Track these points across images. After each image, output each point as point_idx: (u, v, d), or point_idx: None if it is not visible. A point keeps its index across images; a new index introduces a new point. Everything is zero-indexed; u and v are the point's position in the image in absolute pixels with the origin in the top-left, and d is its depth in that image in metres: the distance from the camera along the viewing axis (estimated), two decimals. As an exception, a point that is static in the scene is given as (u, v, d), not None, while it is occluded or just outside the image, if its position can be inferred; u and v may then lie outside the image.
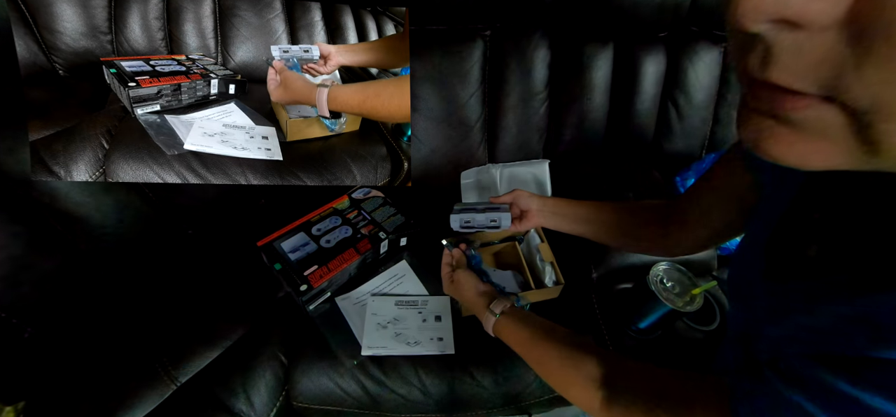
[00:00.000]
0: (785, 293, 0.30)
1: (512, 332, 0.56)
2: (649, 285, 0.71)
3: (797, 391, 0.25)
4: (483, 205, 0.72)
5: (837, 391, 0.23)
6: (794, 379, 0.26)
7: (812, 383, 0.25)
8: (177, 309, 0.82)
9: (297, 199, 0.95)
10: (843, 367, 0.23)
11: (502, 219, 0.68)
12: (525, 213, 0.69)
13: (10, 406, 0.65)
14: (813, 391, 0.25)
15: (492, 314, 0.58)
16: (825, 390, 0.24)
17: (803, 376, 0.26)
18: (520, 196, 0.69)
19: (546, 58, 1.06)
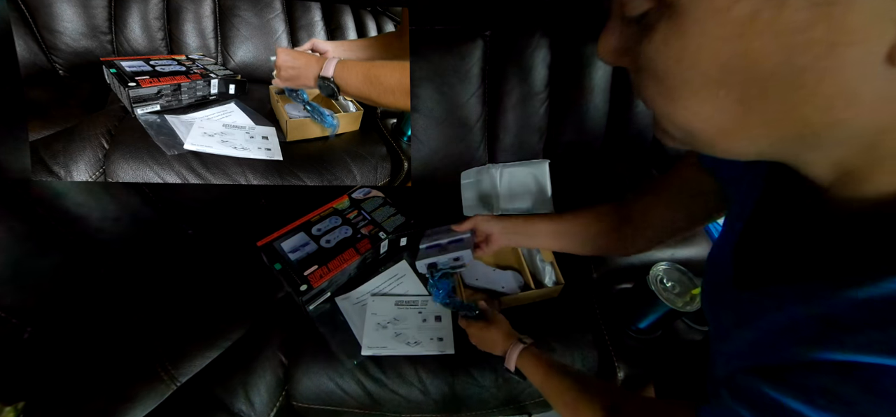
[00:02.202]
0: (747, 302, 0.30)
1: (534, 365, 0.59)
2: (649, 285, 0.71)
3: (741, 403, 0.26)
4: (447, 240, 0.74)
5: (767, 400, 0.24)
6: (739, 393, 0.26)
7: (749, 394, 0.25)
8: (177, 309, 0.82)
9: (297, 199, 0.95)
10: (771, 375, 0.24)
11: (464, 256, 0.71)
12: (488, 237, 0.71)
13: (10, 406, 0.65)
14: (750, 402, 0.25)
15: (521, 343, 0.62)
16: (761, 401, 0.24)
17: (745, 389, 0.26)
18: (479, 221, 0.71)
19: (546, 58, 1.06)
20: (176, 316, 0.81)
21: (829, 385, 0.21)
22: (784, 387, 0.23)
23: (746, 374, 0.26)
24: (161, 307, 0.82)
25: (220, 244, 0.94)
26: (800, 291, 0.24)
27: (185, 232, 0.94)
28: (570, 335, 0.80)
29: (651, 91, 0.21)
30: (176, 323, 0.80)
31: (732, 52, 0.18)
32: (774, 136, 0.20)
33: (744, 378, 0.26)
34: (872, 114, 0.18)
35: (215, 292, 0.86)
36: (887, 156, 0.20)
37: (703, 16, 0.17)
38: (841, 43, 0.16)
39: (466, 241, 0.72)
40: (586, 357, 0.79)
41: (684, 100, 0.20)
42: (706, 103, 0.20)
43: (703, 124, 0.21)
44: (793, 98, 0.18)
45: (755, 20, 0.16)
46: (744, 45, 0.17)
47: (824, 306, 0.22)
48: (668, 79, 0.20)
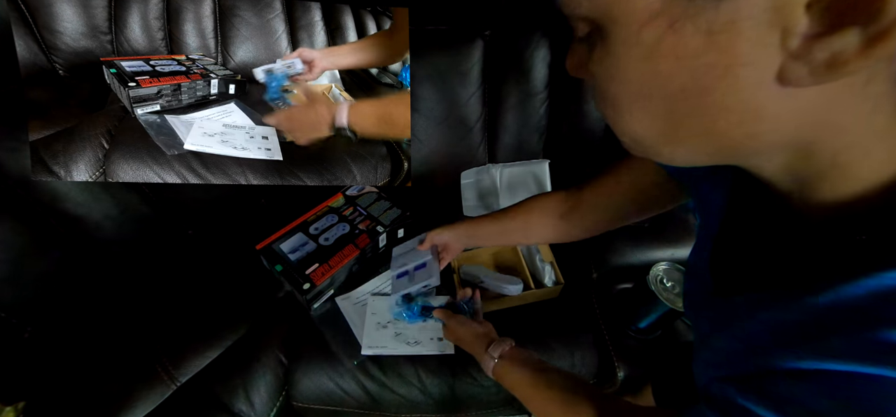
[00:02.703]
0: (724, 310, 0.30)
1: (511, 376, 0.56)
2: (649, 285, 0.71)
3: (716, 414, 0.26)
4: (413, 265, 0.78)
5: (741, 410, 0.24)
6: (712, 402, 0.27)
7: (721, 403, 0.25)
8: (177, 310, 0.82)
9: (298, 199, 0.95)
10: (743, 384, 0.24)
11: (432, 280, 0.74)
12: (444, 247, 0.75)
13: (10, 406, 0.65)
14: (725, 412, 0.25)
15: (491, 358, 0.58)
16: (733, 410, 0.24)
17: (717, 398, 0.26)
18: (432, 236, 0.74)
19: (546, 58, 1.06)
20: (176, 317, 0.81)
21: (797, 394, 0.21)
22: (754, 396, 0.23)
23: (720, 382, 0.26)
24: (161, 307, 0.82)
25: (220, 244, 0.94)
26: (770, 298, 0.25)
27: (185, 232, 0.94)
28: (570, 335, 0.80)
29: (599, 102, 0.24)
30: (176, 323, 0.80)
31: (646, 72, 0.20)
32: (707, 147, 0.21)
33: (717, 387, 0.26)
34: (786, 127, 0.19)
35: (215, 292, 0.86)
36: (827, 167, 0.21)
37: (622, 39, 0.20)
38: (734, 64, 0.17)
39: (430, 265, 0.76)
40: (586, 357, 0.79)
41: (622, 111, 0.22)
42: (640, 115, 0.22)
43: (643, 132, 0.22)
44: (708, 113, 0.19)
45: (660, 45, 0.18)
46: (654, 66, 0.19)
47: (791, 313, 0.23)
48: (607, 93, 0.23)
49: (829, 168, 0.21)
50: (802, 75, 0.17)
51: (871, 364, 0.18)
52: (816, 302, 0.21)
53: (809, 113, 0.18)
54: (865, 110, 0.18)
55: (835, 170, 0.21)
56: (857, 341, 0.19)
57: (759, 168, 0.23)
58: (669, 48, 0.18)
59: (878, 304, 0.18)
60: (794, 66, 0.17)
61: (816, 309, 0.21)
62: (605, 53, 0.21)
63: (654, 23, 0.18)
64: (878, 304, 0.18)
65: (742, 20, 0.16)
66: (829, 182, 0.21)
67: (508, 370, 0.56)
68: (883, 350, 0.18)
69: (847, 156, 0.20)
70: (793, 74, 0.17)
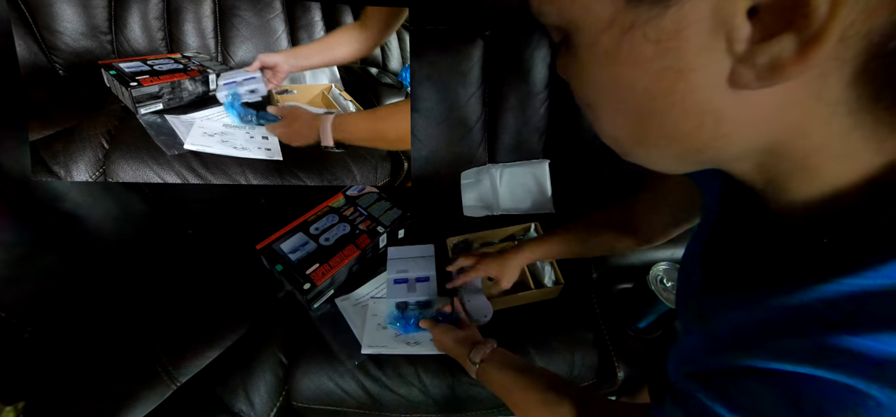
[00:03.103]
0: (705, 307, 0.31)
1: (493, 379, 0.57)
2: (649, 285, 0.71)
3: (679, 409, 0.26)
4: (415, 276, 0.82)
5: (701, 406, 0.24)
6: (676, 397, 0.27)
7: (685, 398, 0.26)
8: (177, 310, 0.82)
9: (298, 199, 0.95)
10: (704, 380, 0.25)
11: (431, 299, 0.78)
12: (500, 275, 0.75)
13: (10, 406, 0.65)
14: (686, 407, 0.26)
15: (472, 364, 0.60)
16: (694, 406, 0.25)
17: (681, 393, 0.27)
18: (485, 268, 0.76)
19: (546, 58, 1.06)
20: (176, 317, 0.81)
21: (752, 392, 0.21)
22: (713, 392, 0.23)
23: (685, 378, 0.27)
24: (161, 307, 0.82)
25: (220, 244, 0.94)
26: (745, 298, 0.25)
27: (185, 232, 0.94)
28: (570, 335, 0.80)
29: (579, 103, 0.25)
30: (176, 323, 0.80)
31: (609, 76, 0.21)
32: (677, 149, 0.22)
33: (683, 382, 0.27)
34: (748, 130, 0.20)
35: (215, 292, 0.86)
36: (795, 169, 0.21)
37: (586, 45, 0.21)
38: (686, 69, 0.18)
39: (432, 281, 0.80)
40: (586, 357, 0.79)
41: (596, 113, 0.23)
42: (611, 117, 0.23)
43: (616, 133, 0.24)
44: (671, 116, 0.20)
45: (618, 51, 0.19)
46: (615, 71, 0.20)
47: (753, 314, 0.23)
48: (580, 96, 0.24)
49: (797, 170, 0.21)
50: (750, 79, 0.17)
51: (818, 366, 0.18)
52: (775, 304, 0.21)
53: (768, 115, 0.19)
54: (824, 114, 0.18)
55: (803, 173, 0.21)
56: (807, 344, 0.19)
57: (733, 170, 0.24)
58: (627, 54, 0.19)
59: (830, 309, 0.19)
60: (742, 70, 0.17)
61: (775, 311, 0.21)
62: (573, 58, 0.22)
63: (610, 30, 0.19)
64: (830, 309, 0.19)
65: (688, 27, 0.17)
66: (797, 184, 0.22)
67: (491, 372, 0.57)
68: (830, 354, 0.18)
69: (814, 160, 0.20)
70: (741, 78, 0.17)
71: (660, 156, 0.23)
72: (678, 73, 0.18)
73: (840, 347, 0.18)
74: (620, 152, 0.25)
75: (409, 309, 0.79)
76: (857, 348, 0.17)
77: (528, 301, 0.83)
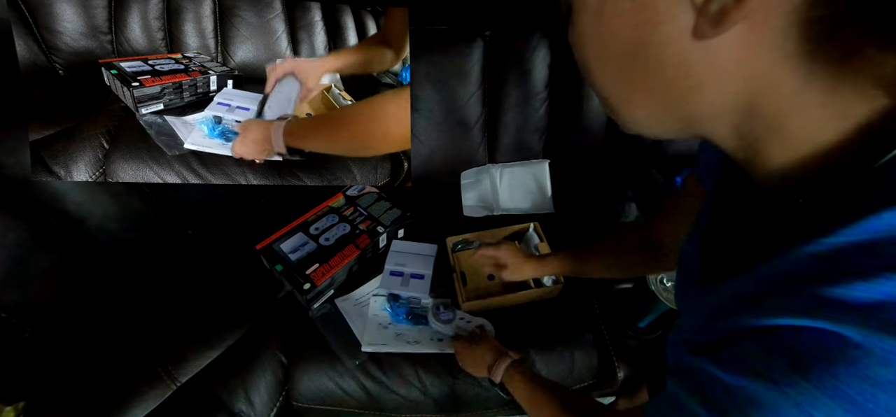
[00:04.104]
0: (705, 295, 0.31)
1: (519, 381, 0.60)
2: (649, 285, 0.71)
3: (676, 383, 0.27)
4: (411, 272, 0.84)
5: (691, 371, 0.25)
6: (677, 374, 0.28)
7: (683, 372, 0.27)
8: (177, 310, 0.82)
9: (298, 199, 0.95)
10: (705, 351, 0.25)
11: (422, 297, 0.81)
12: None
13: (10, 406, 0.65)
14: (683, 377, 0.26)
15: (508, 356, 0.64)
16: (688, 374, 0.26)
17: (680, 369, 0.27)
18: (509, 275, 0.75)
19: (546, 58, 1.06)
20: (176, 317, 0.81)
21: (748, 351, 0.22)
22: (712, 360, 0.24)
23: (685, 355, 0.27)
24: (161, 307, 0.82)
25: (220, 244, 0.94)
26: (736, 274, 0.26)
27: (185, 232, 0.94)
28: (570, 335, 0.80)
29: (580, 67, 0.27)
30: (176, 323, 0.80)
31: (597, 34, 0.23)
32: (658, 105, 0.24)
33: (683, 359, 0.28)
34: (717, 82, 0.21)
35: (215, 292, 0.86)
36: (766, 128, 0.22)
37: (579, 7, 0.24)
38: (657, 22, 0.20)
39: (427, 280, 0.81)
40: (586, 357, 0.79)
41: (590, 72, 0.26)
42: (602, 75, 0.25)
43: (608, 93, 0.26)
44: (649, 69, 0.22)
45: (603, 8, 0.22)
46: (601, 28, 0.23)
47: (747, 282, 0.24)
48: (578, 58, 0.26)
49: (768, 131, 0.22)
50: (706, 28, 0.19)
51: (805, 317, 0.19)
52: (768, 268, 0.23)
53: (732, 66, 0.20)
54: (782, 66, 0.19)
55: (773, 134, 0.22)
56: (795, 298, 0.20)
57: (714, 134, 0.25)
58: (610, 11, 0.22)
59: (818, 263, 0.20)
60: (701, 21, 0.19)
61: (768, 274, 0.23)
62: (573, 23, 0.25)
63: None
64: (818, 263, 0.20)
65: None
66: (771, 148, 0.22)
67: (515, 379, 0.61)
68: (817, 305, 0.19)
69: (782, 119, 0.21)
70: (701, 28, 0.19)
71: (645, 116, 0.25)
72: (652, 27, 0.20)
73: (822, 296, 0.19)
74: (612, 115, 0.27)
75: (400, 301, 0.81)
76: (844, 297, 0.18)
77: (528, 300, 0.83)
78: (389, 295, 0.82)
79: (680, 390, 0.26)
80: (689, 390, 0.25)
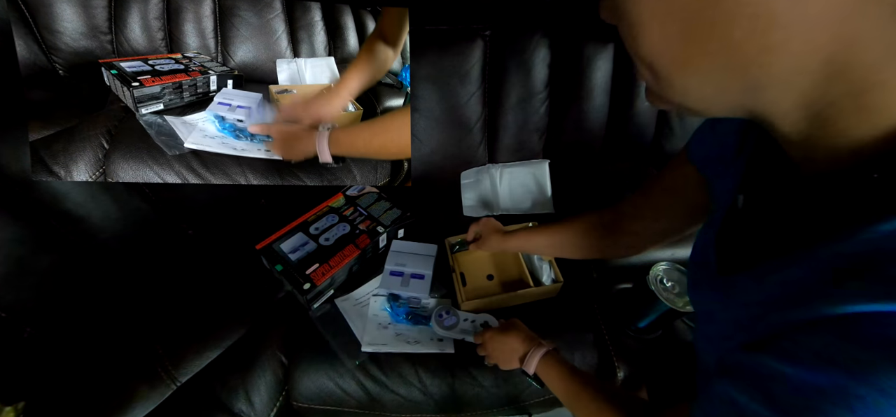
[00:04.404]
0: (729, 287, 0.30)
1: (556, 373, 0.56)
2: (649, 285, 0.71)
3: (726, 380, 0.25)
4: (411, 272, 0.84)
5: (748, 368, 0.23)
6: (724, 371, 0.26)
7: (733, 368, 0.25)
8: (177, 310, 0.82)
9: (298, 199, 0.95)
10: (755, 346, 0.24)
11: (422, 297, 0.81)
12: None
13: (10, 406, 0.65)
14: (734, 374, 0.25)
15: (543, 346, 0.60)
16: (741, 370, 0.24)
17: (730, 365, 0.26)
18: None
19: (546, 58, 1.06)
20: (176, 317, 0.81)
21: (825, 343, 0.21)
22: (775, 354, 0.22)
23: (734, 352, 0.26)
24: (161, 307, 0.82)
25: (220, 244, 0.94)
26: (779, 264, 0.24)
27: (185, 232, 0.94)
28: (570, 334, 0.80)
29: (624, 34, 0.24)
30: (176, 323, 0.80)
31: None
32: (721, 68, 0.21)
33: (732, 356, 0.26)
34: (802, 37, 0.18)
35: (215, 292, 0.86)
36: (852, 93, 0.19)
37: None
38: None
39: (427, 280, 0.82)
40: (586, 357, 0.79)
41: (641, 34, 0.22)
42: (656, 35, 0.22)
43: (658, 56, 0.23)
44: (722, 24, 0.19)
45: None
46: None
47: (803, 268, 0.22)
48: (627, 17, 0.23)
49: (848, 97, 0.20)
50: None
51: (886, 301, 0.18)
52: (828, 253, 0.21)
53: (824, 23, 0.18)
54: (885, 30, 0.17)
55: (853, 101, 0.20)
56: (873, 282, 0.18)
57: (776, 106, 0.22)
58: None
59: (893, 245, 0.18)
60: None
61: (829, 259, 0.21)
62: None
63: None
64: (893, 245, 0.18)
65: None
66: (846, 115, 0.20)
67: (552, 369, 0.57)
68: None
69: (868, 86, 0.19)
70: None
71: (701, 82, 0.22)
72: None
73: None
74: (656, 84, 0.24)
75: (400, 301, 0.81)
76: None
77: (528, 300, 0.83)
78: (389, 295, 0.82)
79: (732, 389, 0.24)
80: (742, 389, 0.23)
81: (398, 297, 0.81)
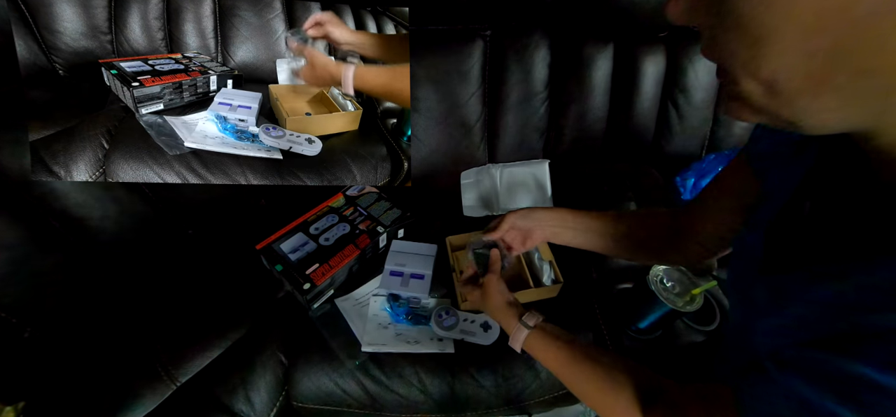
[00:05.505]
0: (782, 285, 0.30)
1: (545, 349, 0.53)
2: (649, 285, 0.71)
3: (792, 374, 0.26)
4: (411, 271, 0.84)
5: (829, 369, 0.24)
6: (789, 365, 0.26)
7: (804, 364, 0.25)
8: (177, 310, 0.82)
9: (298, 199, 0.95)
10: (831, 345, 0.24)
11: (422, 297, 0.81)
12: (529, 233, 0.65)
13: (10, 406, 0.65)
14: (806, 371, 0.25)
15: (524, 326, 0.55)
16: (817, 369, 0.24)
17: (797, 360, 0.26)
18: (513, 219, 0.65)
19: (546, 58, 1.06)
20: (176, 317, 0.81)
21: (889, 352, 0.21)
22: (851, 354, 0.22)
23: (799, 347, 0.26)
24: (161, 307, 0.82)
25: (220, 244, 0.94)
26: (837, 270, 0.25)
27: (185, 232, 0.94)
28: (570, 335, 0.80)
29: (733, 45, 0.21)
30: (176, 323, 0.80)
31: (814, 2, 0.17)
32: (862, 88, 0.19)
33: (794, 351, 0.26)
34: None
35: (215, 292, 0.86)
36: None
37: None
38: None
39: (426, 280, 0.82)
40: (586, 357, 0.79)
41: (772, 49, 0.19)
42: (795, 52, 0.19)
43: (788, 75, 0.20)
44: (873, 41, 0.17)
45: None
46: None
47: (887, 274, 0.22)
48: (754, 27, 0.19)
49: None
50: None
51: None
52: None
53: None
54: None
55: None
56: None
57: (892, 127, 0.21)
58: None
59: None
60: None
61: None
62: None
63: None
64: None
65: None
66: None
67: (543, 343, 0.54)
68: None
69: None
70: None
71: (829, 103, 0.20)
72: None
73: None
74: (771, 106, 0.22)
75: (401, 301, 0.81)
76: None
77: (528, 300, 0.83)
78: (389, 295, 0.82)
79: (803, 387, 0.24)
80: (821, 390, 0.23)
81: (398, 297, 0.81)
